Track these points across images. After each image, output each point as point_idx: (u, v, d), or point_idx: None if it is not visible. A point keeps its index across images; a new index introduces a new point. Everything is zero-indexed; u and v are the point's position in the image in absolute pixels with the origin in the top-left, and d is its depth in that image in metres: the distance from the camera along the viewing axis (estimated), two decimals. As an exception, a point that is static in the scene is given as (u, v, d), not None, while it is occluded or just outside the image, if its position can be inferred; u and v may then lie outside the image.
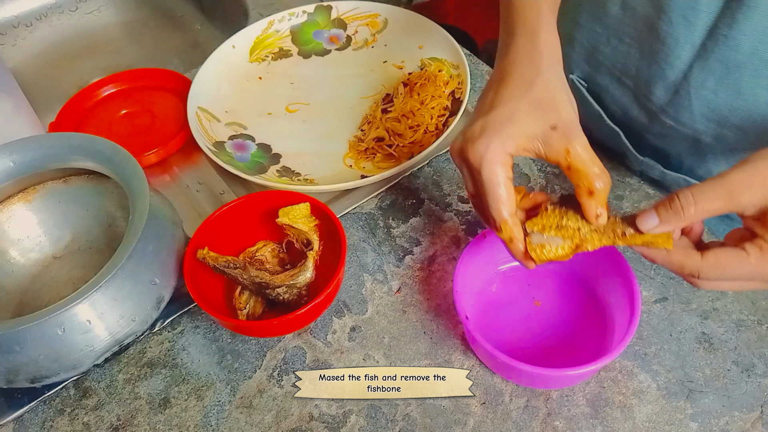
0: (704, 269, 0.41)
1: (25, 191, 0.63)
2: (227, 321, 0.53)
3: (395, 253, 0.63)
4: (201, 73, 0.77)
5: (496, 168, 0.43)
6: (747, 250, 0.40)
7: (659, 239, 0.43)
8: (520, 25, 0.49)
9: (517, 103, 0.44)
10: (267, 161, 0.71)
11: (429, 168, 0.71)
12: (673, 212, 0.41)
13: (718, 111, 0.57)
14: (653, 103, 0.62)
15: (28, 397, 0.55)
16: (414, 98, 0.74)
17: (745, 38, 0.52)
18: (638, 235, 0.43)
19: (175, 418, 0.54)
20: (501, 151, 0.43)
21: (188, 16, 1.03)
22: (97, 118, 0.77)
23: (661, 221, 0.42)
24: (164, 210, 0.59)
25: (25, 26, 0.98)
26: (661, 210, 0.42)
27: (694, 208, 0.40)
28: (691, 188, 0.41)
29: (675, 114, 0.61)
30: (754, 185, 0.39)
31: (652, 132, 0.65)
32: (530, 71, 0.46)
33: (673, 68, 0.58)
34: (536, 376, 0.52)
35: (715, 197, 0.40)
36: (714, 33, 0.53)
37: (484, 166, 0.43)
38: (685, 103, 0.59)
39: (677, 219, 0.41)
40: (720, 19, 0.52)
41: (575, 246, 0.45)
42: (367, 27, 0.85)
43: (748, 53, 0.52)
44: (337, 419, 0.53)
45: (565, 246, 0.45)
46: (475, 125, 0.45)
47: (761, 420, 0.51)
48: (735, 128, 0.58)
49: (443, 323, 0.58)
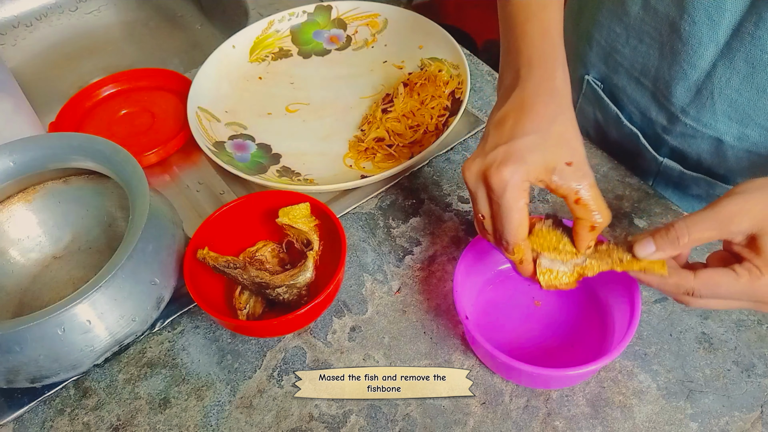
0: (698, 287, 0.44)
1: (25, 191, 0.63)
2: (227, 321, 0.53)
3: (395, 253, 0.63)
4: (201, 73, 0.77)
5: (518, 194, 0.45)
6: (737, 271, 0.43)
7: (655, 265, 0.45)
8: (536, 57, 0.50)
9: (543, 136, 0.46)
10: (267, 161, 0.71)
11: (429, 168, 0.71)
12: (669, 241, 0.44)
13: (741, 110, 0.58)
14: (673, 104, 0.62)
15: (28, 397, 0.55)
16: (414, 98, 0.74)
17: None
18: (635, 261, 0.46)
19: (175, 418, 0.54)
20: (525, 178, 0.45)
21: (188, 16, 1.03)
22: (97, 118, 0.77)
23: (658, 249, 0.45)
24: (164, 210, 0.59)
25: (25, 26, 0.98)
26: (657, 238, 0.45)
27: (688, 237, 0.43)
28: (685, 219, 0.44)
29: (696, 114, 0.61)
30: (743, 216, 0.42)
31: (671, 133, 0.65)
32: (552, 108, 0.47)
33: (696, 68, 0.58)
34: (536, 376, 0.52)
35: (708, 227, 0.43)
36: (740, 32, 0.54)
37: (509, 192, 0.45)
38: (707, 103, 0.59)
39: (673, 247, 0.44)
40: (746, 18, 0.53)
41: (578, 275, 0.48)
42: (367, 27, 0.85)
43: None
44: (337, 419, 0.53)
45: (569, 275, 0.49)
46: (498, 151, 0.46)
47: (761, 420, 0.51)
48: (758, 127, 0.58)
49: (443, 323, 0.58)
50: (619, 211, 0.65)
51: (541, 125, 0.46)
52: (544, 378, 0.52)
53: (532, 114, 0.47)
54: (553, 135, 0.46)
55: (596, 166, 0.69)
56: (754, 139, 0.59)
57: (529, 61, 0.50)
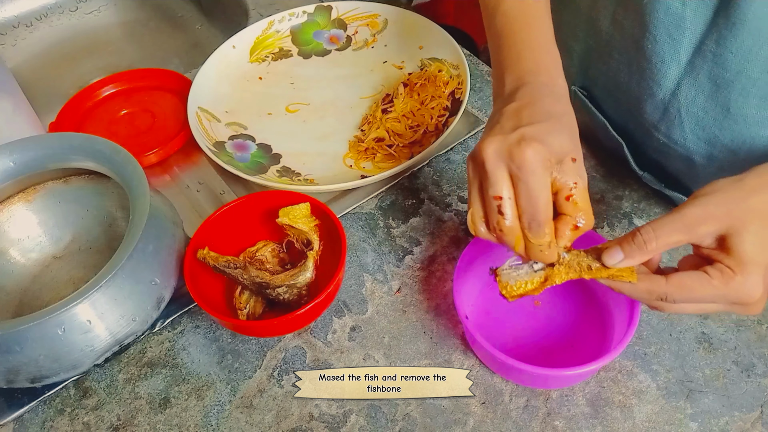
0: (671, 292, 0.43)
1: (26, 191, 0.63)
2: (227, 321, 0.53)
3: (395, 253, 0.64)
4: (201, 73, 0.77)
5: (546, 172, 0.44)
6: (709, 273, 0.42)
7: (624, 272, 0.45)
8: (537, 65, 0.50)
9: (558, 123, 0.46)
10: (267, 161, 0.71)
11: (429, 168, 0.71)
12: (637, 247, 0.44)
13: (708, 130, 0.57)
14: (646, 120, 0.62)
15: (28, 397, 0.55)
16: (414, 98, 0.74)
17: (732, 56, 0.52)
18: (604, 269, 0.45)
19: (175, 418, 0.54)
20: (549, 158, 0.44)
21: (188, 16, 1.03)
22: (97, 118, 0.77)
23: (626, 256, 0.44)
24: (164, 210, 0.59)
25: (25, 26, 0.98)
26: (624, 245, 0.44)
27: (655, 243, 0.43)
28: (651, 224, 0.43)
29: (667, 131, 0.61)
30: (709, 219, 0.42)
31: (648, 147, 0.65)
32: (559, 107, 0.48)
33: (661, 86, 0.58)
34: (536, 376, 0.52)
35: (674, 230, 0.43)
36: (701, 50, 0.54)
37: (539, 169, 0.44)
38: (676, 121, 0.59)
39: (641, 253, 0.44)
40: (707, 36, 0.53)
41: (543, 280, 0.48)
42: (367, 27, 0.85)
43: (735, 71, 0.52)
44: (337, 419, 0.53)
45: (534, 281, 0.48)
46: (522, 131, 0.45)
47: (761, 420, 0.51)
48: (725, 149, 0.57)
49: (443, 323, 0.58)
50: (618, 211, 0.65)
51: (555, 116, 0.46)
52: (543, 378, 0.52)
53: (544, 106, 0.47)
54: (565, 127, 0.46)
55: (596, 167, 0.69)
56: (722, 161, 0.59)
57: (530, 71, 0.50)
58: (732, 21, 0.50)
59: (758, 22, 0.49)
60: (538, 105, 0.47)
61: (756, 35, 0.50)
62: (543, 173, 0.44)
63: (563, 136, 0.45)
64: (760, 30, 0.50)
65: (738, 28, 0.50)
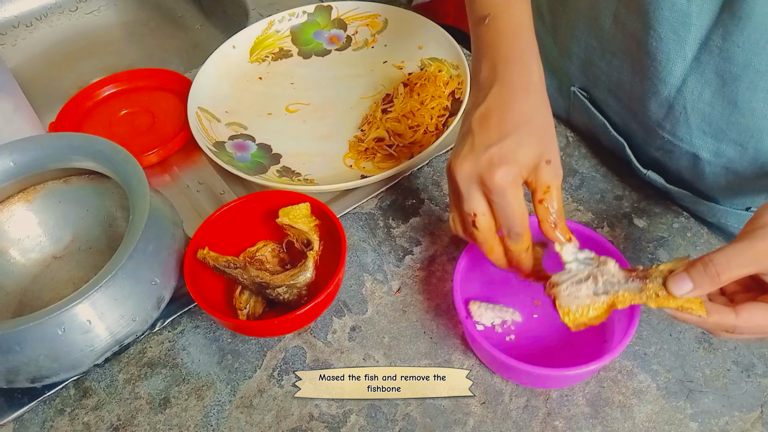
0: (740, 326, 0.43)
1: (26, 191, 0.63)
2: (227, 321, 0.53)
3: (395, 253, 0.64)
4: (201, 73, 0.77)
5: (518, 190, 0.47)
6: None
7: (693, 305, 0.42)
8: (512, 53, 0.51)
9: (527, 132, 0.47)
10: (267, 161, 0.71)
11: (429, 168, 0.71)
12: (709, 278, 0.42)
13: (715, 125, 0.57)
14: (649, 118, 0.62)
15: (28, 397, 0.55)
16: (414, 98, 0.74)
17: (739, 50, 0.52)
18: (672, 298, 0.43)
19: (175, 418, 0.54)
20: (519, 176, 0.46)
21: (188, 16, 1.03)
22: (97, 118, 0.77)
23: (695, 286, 0.42)
24: (164, 210, 0.59)
25: (25, 26, 0.98)
26: (695, 275, 0.42)
27: (728, 274, 0.41)
28: (724, 253, 0.42)
29: (672, 129, 0.61)
30: None
31: (651, 146, 0.65)
32: (531, 103, 0.49)
33: (666, 84, 0.58)
34: (536, 376, 0.52)
35: (748, 262, 0.41)
36: (707, 45, 0.53)
37: (510, 190, 0.46)
38: (681, 118, 0.59)
39: (712, 284, 0.42)
40: (713, 32, 0.53)
41: (607, 307, 0.46)
42: (367, 27, 0.85)
43: (742, 65, 0.52)
44: (337, 419, 0.53)
45: (597, 306, 0.46)
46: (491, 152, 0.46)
47: (761, 420, 0.51)
48: (733, 143, 0.57)
49: (443, 323, 0.58)
50: (619, 211, 0.65)
51: (521, 123, 0.47)
52: (543, 378, 0.52)
53: (514, 110, 0.48)
54: (535, 132, 0.47)
55: (596, 166, 0.69)
56: (730, 155, 0.59)
57: (505, 58, 0.50)
58: (738, 15, 0.50)
59: (765, 16, 0.49)
60: (508, 108, 0.48)
61: (763, 28, 0.50)
62: (515, 191, 0.46)
63: (533, 146, 0.47)
64: (766, 24, 0.50)
65: (744, 22, 0.50)
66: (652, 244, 0.62)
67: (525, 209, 0.47)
